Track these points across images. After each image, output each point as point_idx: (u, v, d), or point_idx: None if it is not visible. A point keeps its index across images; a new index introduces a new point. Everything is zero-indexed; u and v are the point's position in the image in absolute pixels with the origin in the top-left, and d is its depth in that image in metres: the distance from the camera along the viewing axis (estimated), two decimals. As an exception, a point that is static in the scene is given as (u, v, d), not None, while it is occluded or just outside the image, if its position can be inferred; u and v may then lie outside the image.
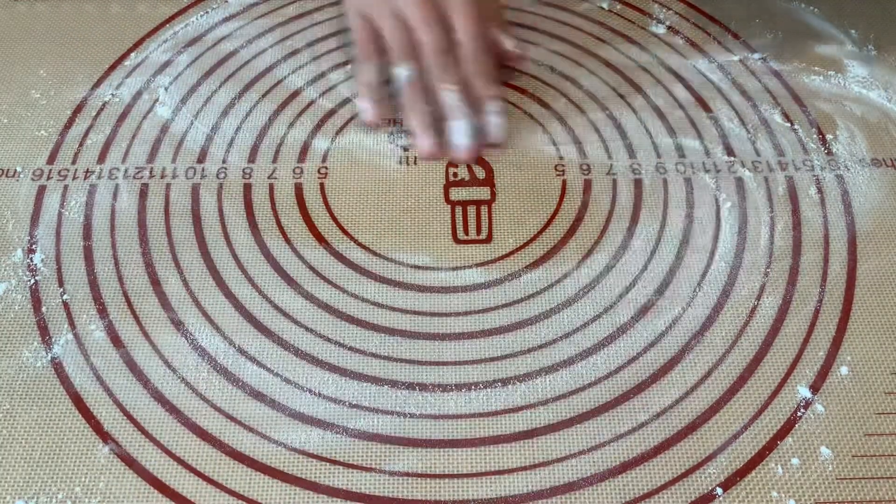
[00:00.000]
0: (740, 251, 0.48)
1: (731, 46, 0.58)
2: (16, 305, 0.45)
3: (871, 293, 0.46)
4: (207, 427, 0.41)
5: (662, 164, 0.52)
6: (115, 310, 0.45)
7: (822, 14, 0.61)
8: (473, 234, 0.48)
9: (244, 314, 0.45)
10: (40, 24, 0.58)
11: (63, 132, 0.52)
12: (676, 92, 0.55)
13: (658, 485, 0.39)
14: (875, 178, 0.51)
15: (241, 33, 0.58)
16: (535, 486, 0.39)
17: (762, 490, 0.39)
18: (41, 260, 0.46)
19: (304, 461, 0.40)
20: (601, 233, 0.48)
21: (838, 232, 0.49)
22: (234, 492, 0.39)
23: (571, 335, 0.44)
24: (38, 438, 0.40)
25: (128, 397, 0.42)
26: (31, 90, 0.54)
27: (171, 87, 0.55)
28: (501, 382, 0.43)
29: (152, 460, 0.40)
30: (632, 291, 0.46)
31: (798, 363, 0.43)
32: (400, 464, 0.40)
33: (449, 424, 0.41)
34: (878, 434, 0.41)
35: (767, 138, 0.53)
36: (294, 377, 0.43)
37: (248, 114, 0.54)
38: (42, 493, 0.39)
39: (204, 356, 0.43)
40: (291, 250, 0.47)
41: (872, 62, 0.57)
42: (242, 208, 0.49)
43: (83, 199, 0.49)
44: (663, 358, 0.44)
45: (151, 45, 0.57)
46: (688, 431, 0.41)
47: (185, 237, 0.48)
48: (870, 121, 0.54)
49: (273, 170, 0.50)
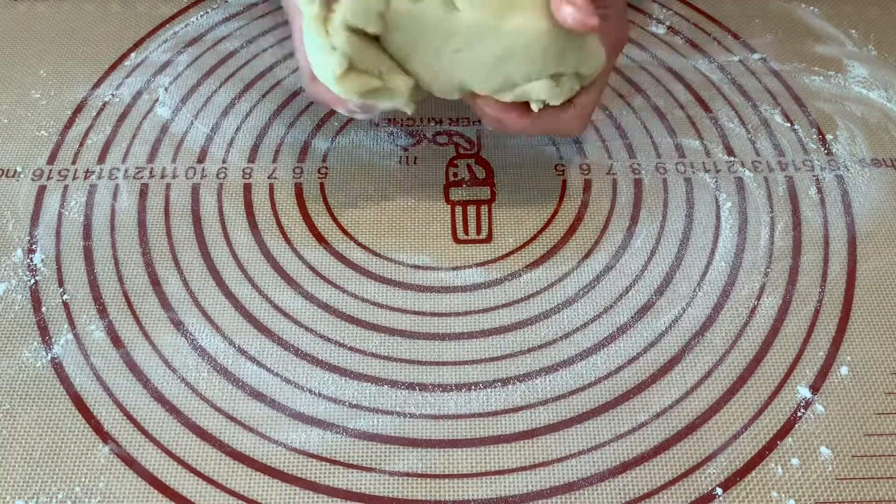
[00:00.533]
0: (740, 251, 0.48)
1: (731, 46, 0.58)
2: (16, 305, 0.45)
3: (871, 293, 0.46)
4: (207, 427, 0.41)
5: (662, 163, 0.52)
6: (115, 310, 0.45)
7: (822, 14, 0.61)
8: (473, 234, 0.48)
9: (244, 314, 0.45)
10: (40, 25, 0.58)
11: (63, 132, 0.52)
12: (676, 92, 0.55)
13: (658, 485, 0.39)
14: (875, 178, 0.51)
15: (241, 33, 0.58)
16: (535, 486, 0.39)
17: (762, 490, 0.39)
18: (41, 260, 0.46)
19: (304, 461, 0.40)
20: (601, 233, 0.48)
21: (838, 232, 0.49)
22: (234, 492, 0.39)
23: (571, 335, 0.44)
24: (38, 438, 0.40)
25: (128, 397, 0.42)
26: (32, 90, 0.54)
27: (171, 87, 0.55)
28: (501, 382, 0.43)
29: (152, 460, 0.40)
30: (632, 291, 0.46)
31: (798, 363, 0.43)
32: (400, 464, 0.40)
33: (449, 424, 0.41)
34: (878, 434, 0.41)
35: (767, 138, 0.53)
36: (294, 377, 0.43)
37: (248, 114, 0.54)
38: (42, 493, 0.39)
39: (204, 356, 0.43)
40: (291, 250, 0.47)
41: (873, 62, 0.57)
42: (242, 208, 0.49)
43: (83, 199, 0.49)
44: (663, 358, 0.44)
45: (151, 45, 0.57)
46: (688, 431, 0.41)
47: (185, 237, 0.48)
48: (870, 121, 0.54)
49: (273, 170, 0.50)
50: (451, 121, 0.53)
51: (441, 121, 0.53)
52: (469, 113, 0.54)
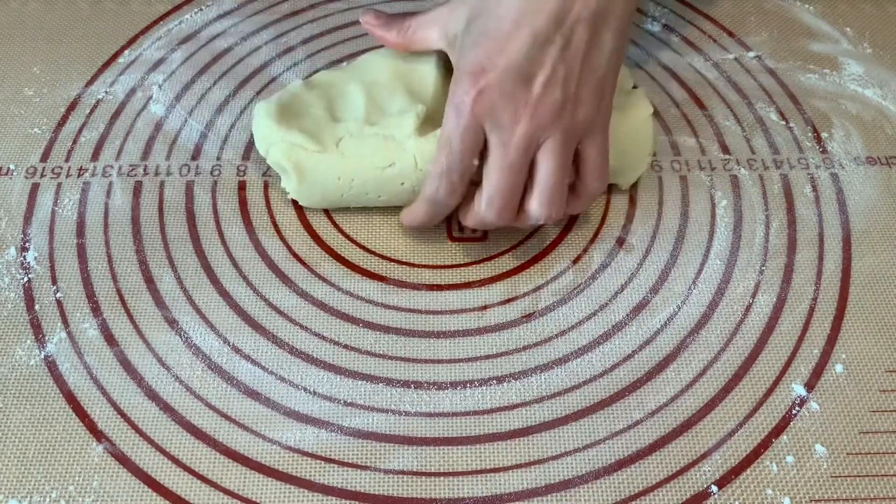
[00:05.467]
0: (735, 249, 0.48)
1: (727, 44, 0.58)
2: (9, 304, 0.44)
3: (865, 291, 0.46)
4: (201, 426, 0.41)
5: (657, 161, 0.52)
6: (108, 308, 0.44)
7: (818, 12, 0.61)
8: (469, 232, 0.48)
9: (238, 312, 0.45)
10: (34, 22, 0.58)
11: (56, 130, 0.52)
12: (672, 89, 0.55)
13: (653, 482, 0.39)
14: (870, 176, 0.51)
15: (236, 30, 0.58)
16: (531, 483, 0.39)
17: (757, 488, 0.39)
18: (34, 258, 0.46)
19: (299, 459, 0.40)
20: (596, 230, 0.48)
21: (833, 230, 0.49)
22: (229, 490, 0.39)
23: (566, 333, 0.44)
24: (31, 437, 0.40)
25: (121, 396, 0.41)
26: (25, 87, 0.54)
27: (165, 85, 0.54)
28: (496, 380, 0.43)
29: (146, 459, 0.40)
30: (627, 289, 0.46)
31: (793, 361, 0.44)
32: (395, 462, 0.40)
33: (444, 422, 0.41)
34: (873, 432, 0.41)
35: (763, 136, 0.53)
36: (289, 375, 0.43)
37: (243, 111, 0.53)
38: (35, 492, 0.38)
39: (198, 354, 0.43)
40: (286, 248, 0.47)
41: (868, 60, 0.57)
42: (237, 206, 0.49)
43: (77, 196, 0.49)
44: (658, 356, 0.44)
45: (145, 43, 0.57)
46: (683, 429, 0.41)
47: (179, 235, 0.47)
48: (865, 119, 0.54)
49: (268, 167, 0.50)
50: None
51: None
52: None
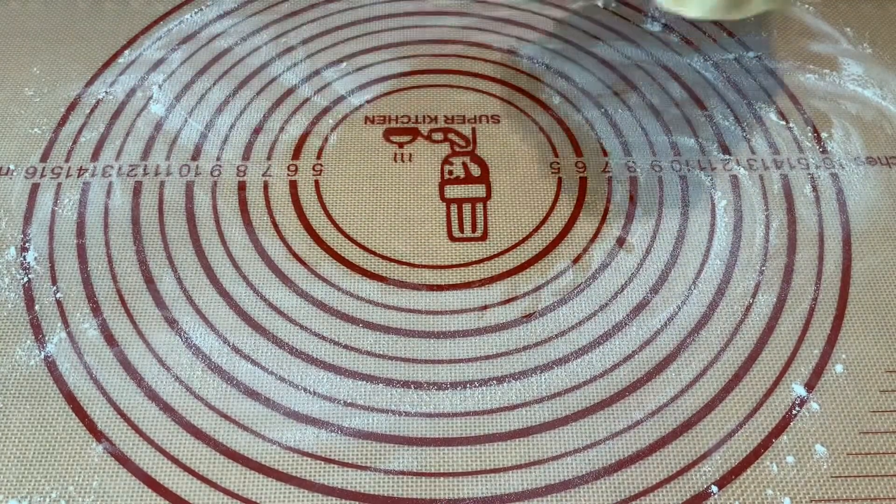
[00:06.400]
0: (735, 249, 0.48)
1: (726, 44, 0.58)
2: (9, 304, 0.44)
3: (865, 291, 0.46)
4: (201, 426, 0.41)
5: (658, 161, 0.52)
6: (108, 308, 0.44)
7: (817, 12, 0.61)
8: (469, 232, 0.48)
9: (238, 312, 0.45)
10: (34, 22, 0.58)
11: (56, 130, 0.52)
12: (672, 90, 0.55)
13: (653, 483, 0.39)
14: (870, 176, 0.51)
15: (236, 30, 0.58)
16: (531, 484, 0.39)
17: (757, 488, 0.39)
18: (34, 258, 0.46)
19: (299, 460, 0.40)
20: (596, 230, 0.48)
21: (833, 230, 0.49)
22: (229, 491, 0.39)
23: (566, 333, 0.44)
24: (31, 437, 0.40)
25: (121, 396, 0.41)
26: (25, 87, 0.54)
27: (165, 85, 0.55)
28: (496, 380, 0.43)
29: (146, 459, 0.40)
30: (627, 289, 0.46)
31: (793, 361, 0.44)
32: (395, 462, 0.40)
33: (444, 423, 0.41)
34: (873, 432, 0.41)
35: (762, 136, 0.53)
36: (288, 375, 0.43)
37: (243, 111, 0.53)
38: (35, 492, 0.38)
39: (198, 354, 0.43)
40: (286, 248, 0.47)
41: (868, 60, 0.57)
42: (237, 206, 0.49)
43: (77, 196, 0.49)
44: (658, 356, 0.44)
45: (145, 43, 0.57)
46: (683, 429, 0.41)
47: (179, 235, 0.47)
48: (865, 119, 0.54)
49: (268, 167, 0.50)
50: (447, 118, 0.53)
51: (436, 118, 0.53)
52: (465, 110, 0.53)
